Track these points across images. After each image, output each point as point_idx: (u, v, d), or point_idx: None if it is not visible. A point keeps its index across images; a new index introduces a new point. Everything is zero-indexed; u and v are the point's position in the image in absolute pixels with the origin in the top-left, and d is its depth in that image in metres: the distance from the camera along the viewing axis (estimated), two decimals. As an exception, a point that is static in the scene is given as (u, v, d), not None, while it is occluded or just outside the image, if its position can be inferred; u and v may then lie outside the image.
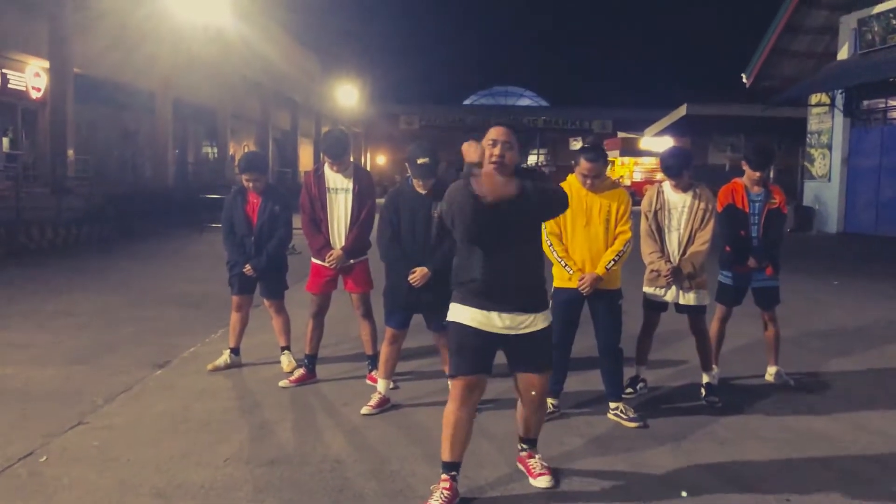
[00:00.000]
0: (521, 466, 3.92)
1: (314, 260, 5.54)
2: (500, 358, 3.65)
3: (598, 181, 4.75)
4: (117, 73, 20.89)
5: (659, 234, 5.19)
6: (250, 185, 5.72)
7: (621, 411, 4.74)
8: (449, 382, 3.85)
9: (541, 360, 3.65)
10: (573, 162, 4.88)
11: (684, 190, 5.13)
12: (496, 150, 3.40)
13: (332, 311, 5.86)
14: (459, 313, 3.58)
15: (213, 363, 5.89)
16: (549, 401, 4.71)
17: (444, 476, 3.54)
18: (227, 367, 5.88)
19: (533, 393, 3.67)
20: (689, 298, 5.14)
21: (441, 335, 4.88)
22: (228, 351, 5.97)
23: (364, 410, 4.84)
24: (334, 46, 43.25)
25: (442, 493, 3.48)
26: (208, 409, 4.90)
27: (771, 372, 5.74)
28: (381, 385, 5.00)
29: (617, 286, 4.83)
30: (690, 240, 5.10)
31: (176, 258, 13.36)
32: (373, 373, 5.47)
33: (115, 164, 24.37)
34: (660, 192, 5.22)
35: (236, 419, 4.73)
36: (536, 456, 3.89)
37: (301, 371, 5.59)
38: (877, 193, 18.35)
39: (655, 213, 5.19)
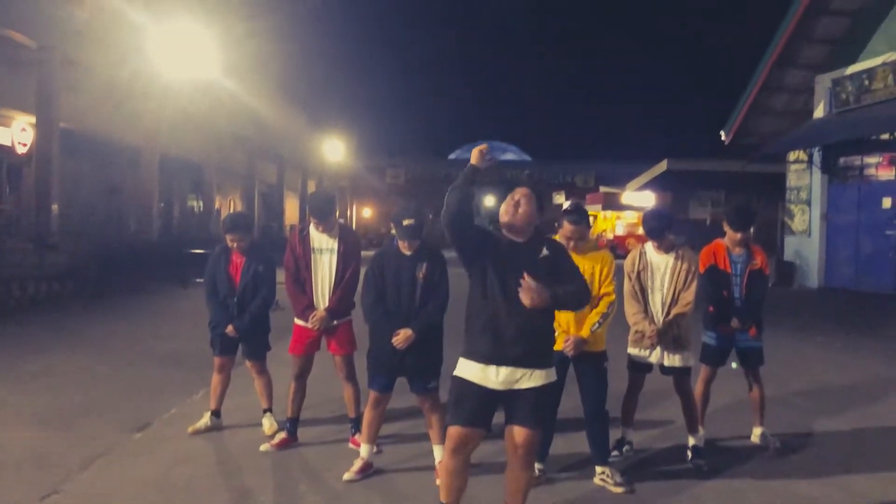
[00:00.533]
0: None
1: (297, 321, 5.51)
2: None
3: (582, 243, 4.79)
4: (103, 128, 20.96)
5: (642, 294, 5.21)
6: (234, 244, 5.71)
7: (608, 475, 4.69)
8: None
9: (532, 415, 3.60)
10: (556, 224, 4.92)
11: (666, 251, 5.17)
12: (515, 196, 3.72)
13: (315, 372, 5.80)
14: (461, 367, 3.66)
15: (193, 426, 5.80)
16: (536, 465, 4.66)
17: None
18: (208, 429, 5.78)
19: (520, 447, 3.61)
20: (673, 360, 5.14)
21: (425, 398, 4.84)
22: (209, 413, 5.88)
23: (346, 476, 4.76)
24: (321, 101, 43.72)
25: None
26: (188, 475, 4.80)
27: (757, 433, 5.71)
28: (364, 450, 4.92)
29: (602, 348, 4.82)
30: (674, 301, 5.12)
31: (158, 315, 13.24)
32: (356, 436, 5.39)
33: (100, 218, 24.29)
34: (642, 253, 5.25)
35: (216, 485, 4.64)
36: None
37: (283, 435, 5.50)
38: (856, 249, 18.55)
39: (638, 273, 5.22)
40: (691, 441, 5.23)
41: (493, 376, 3.57)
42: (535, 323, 3.60)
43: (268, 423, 5.78)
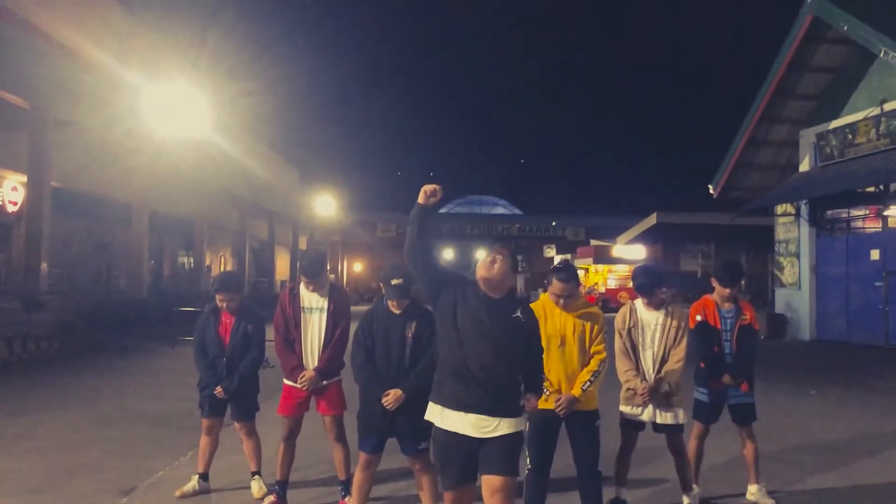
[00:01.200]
0: None
1: (286, 381, 5.46)
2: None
3: (572, 300, 4.79)
4: (95, 186, 21.09)
5: (633, 351, 5.20)
6: (224, 304, 5.69)
7: (602, 537, 4.61)
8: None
9: (502, 461, 3.65)
10: (546, 282, 4.93)
11: (657, 308, 5.18)
12: (493, 254, 3.82)
13: (306, 432, 5.73)
14: (437, 414, 3.77)
15: (181, 489, 5.68)
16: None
17: None
18: (196, 493, 5.68)
19: (495, 495, 3.60)
20: (666, 417, 5.11)
21: (416, 459, 4.77)
22: (197, 476, 5.78)
23: (337, 540, 4.67)
24: (313, 157, 44.17)
25: None
26: (173, 541, 4.70)
27: (752, 490, 5.65)
28: (356, 513, 4.84)
29: (594, 407, 4.79)
30: (665, 357, 5.11)
31: (146, 374, 13.09)
32: (346, 498, 5.30)
33: (90, 275, 24.25)
34: (633, 310, 5.26)
35: (202, 552, 4.53)
36: None
37: (272, 498, 5.40)
38: (846, 301, 18.64)
39: (629, 330, 5.22)
40: (686, 500, 5.17)
41: (468, 423, 3.66)
42: (501, 372, 3.69)
43: (256, 487, 5.68)
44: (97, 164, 19.49)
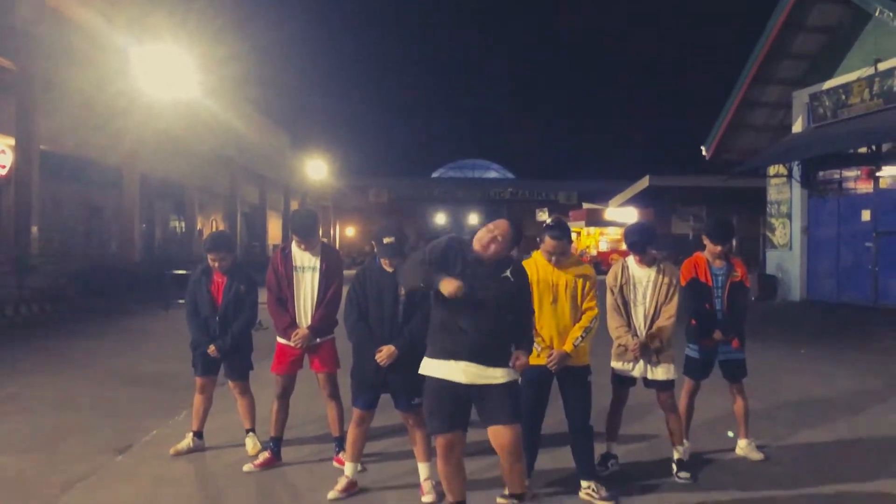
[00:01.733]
0: None
1: (280, 340, 5.47)
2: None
3: (564, 258, 4.80)
4: (84, 150, 20.88)
5: (625, 308, 5.22)
6: (216, 264, 5.68)
7: (593, 490, 4.67)
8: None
9: (507, 412, 3.88)
10: (538, 239, 4.93)
11: (648, 265, 5.19)
12: (494, 233, 3.94)
13: (299, 390, 5.77)
14: (428, 365, 3.98)
15: (175, 447, 5.72)
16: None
17: None
18: (191, 451, 5.72)
19: (505, 446, 3.86)
20: (657, 373, 5.15)
21: (409, 414, 4.81)
22: (191, 434, 5.81)
23: (331, 495, 4.72)
24: (304, 121, 43.85)
25: None
26: (170, 497, 4.75)
27: (741, 445, 5.73)
28: (349, 468, 4.89)
29: (586, 362, 4.83)
30: (656, 314, 5.14)
31: (140, 336, 13.13)
32: (340, 455, 5.35)
33: (81, 240, 24.13)
34: (624, 267, 5.27)
35: (198, 507, 4.58)
36: None
37: (266, 454, 5.45)
38: (837, 262, 18.72)
39: (621, 287, 5.23)
40: (676, 454, 5.23)
41: (457, 370, 3.87)
42: (491, 329, 3.89)
43: (251, 444, 5.73)
44: (86, 126, 19.27)
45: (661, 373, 5.14)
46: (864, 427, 6.64)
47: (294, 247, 5.43)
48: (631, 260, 5.27)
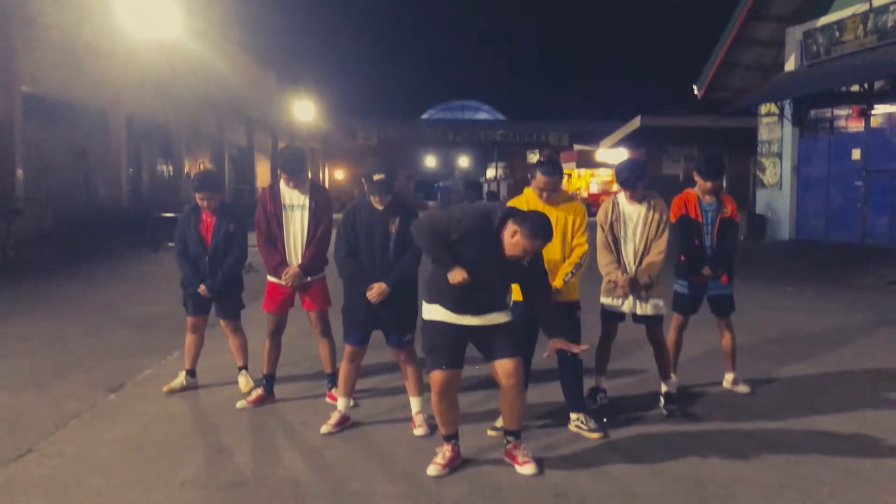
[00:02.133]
0: (507, 459, 4.22)
1: (270, 278, 5.47)
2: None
3: (555, 194, 4.78)
4: (67, 91, 20.45)
5: (615, 245, 5.22)
6: (204, 203, 5.63)
7: (582, 422, 4.75)
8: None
9: (509, 345, 4.08)
10: (529, 176, 4.90)
11: (639, 201, 5.18)
12: (527, 249, 3.95)
13: (291, 329, 5.80)
14: (433, 311, 4.12)
15: (168, 385, 5.77)
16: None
17: (445, 444, 4.19)
18: (183, 389, 5.76)
19: (510, 377, 4.02)
20: (646, 308, 5.19)
21: (400, 351, 4.85)
22: (184, 372, 5.85)
23: (324, 429, 4.78)
24: (290, 62, 43.10)
25: (444, 453, 4.15)
26: (164, 433, 4.79)
27: (728, 379, 5.81)
28: (341, 403, 4.94)
29: (575, 298, 4.85)
30: (646, 250, 5.15)
31: (130, 279, 13.11)
32: (332, 391, 5.41)
33: (67, 184, 23.85)
34: (615, 204, 5.26)
35: (193, 443, 4.63)
36: (521, 446, 4.20)
37: (259, 391, 5.50)
38: (826, 201, 18.78)
39: (611, 224, 5.23)
40: (664, 388, 5.31)
41: (461, 320, 4.06)
42: (497, 286, 4.11)
43: (244, 381, 5.77)
44: (68, 66, 18.89)
45: (650, 308, 5.18)
46: (849, 361, 6.74)
47: (283, 185, 5.39)
48: (622, 196, 5.26)
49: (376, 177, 4.70)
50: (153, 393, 5.71)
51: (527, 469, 4.07)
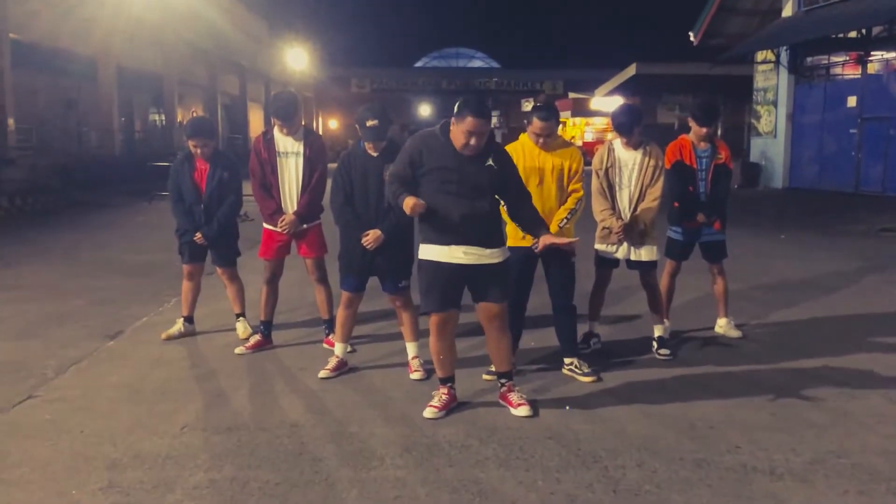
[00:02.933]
0: (502, 402, 4.28)
1: (266, 225, 5.48)
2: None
3: (551, 140, 4.77)
4: (56, 39, 20.15)
5: (610, 191, 5.23)
6: (198, 151, 5.60)
7: (576, 366, 4.82)
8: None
9: (498, 291, 4.12)
10: (525, 121, 4.89)
11: (635, 147, 5.18)
12: (472, 142, 3.94)
13: (288, 277, 5.84)
14: (426, 251, 4.10)
15: (166, 332, 5.82)
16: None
17: (441, 387, 4.26)
18: (182, 335, 5.81)
19: (493, 320, 4.14)
20: (640, 254, 5.22)
21: (396, 297, 4.90)
22: (182, 319, 5.89)
23: (322, 374, 4.85)
24: (282, 9, 42.35)
25: (441, 396, 4.22)
26: (163, 378, 4.86)
27: (721, 324, 5.88)
28: (339, 349, 5.00)
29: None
30: (641, 196, 5.16)
31: (124, 228, 13.10)
32: (330, 337, 5.47)
33: (59, 133, 23.64)
34: (611, 150, 5.26)
35: (192, 388, 4.69)
36: (515, 389, 4.29)
37: (257, 337, 5.55)
38: (820, 149, 18.76)
39: (606, 170, 5.23)
40: (657, 332, 5.38)
41: (458, 252, 4.03)
42: (481, 214, 4.04)
43: (241, 328, 5.82)
44: (56, 13, 18.57)
45: (644, 254, 5.22)
46: (839, 306, 6.82)
47: (276, 132, 5.36)
48: (617, 143, 5.25)
49: (369, 123, 4.68)
50: (151, 339, 5.76)
51: (521, 411, 4.14)
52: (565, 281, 4.85)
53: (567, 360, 4.87)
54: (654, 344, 5.35)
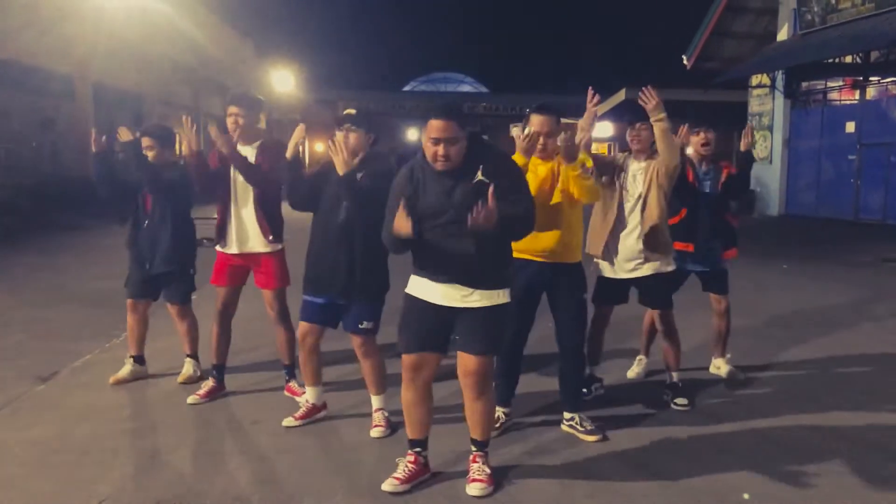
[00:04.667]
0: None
1: (218, 249, 4.81)
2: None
3: (551, 141, 4.10)
4: (32, 56, 19.49)
5: (619, 207, 4.61)
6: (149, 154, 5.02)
7: (577, 423, 4.11)
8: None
9: (477, 341, 3.34)
10: (522, 127, 4.30)
11: (645, 158, 4.64)
12: (440, 150, 3.24)
13: (248, 311, 5.14)
14: (411, 281, 3.47)
15: (115, 376, 5.05)
16: (499, 410, 4.10)
17: (409, 453, 3.52)
18: (135, 378, 5.07)
19: (467, 376, 3.38)
20: (649, 268, 4.55)
21: (358, 337, 4.15)
22: (131, 359, 5.16)
23: (286, 422, 4.19)
24: (269, 31, 42.05)
25: (406, 466, 3.47)
26: (92, 433, 4.12)
27: (718, 364, 5.28)
28: (311, 393, 4.29)
29: (578, 259, 4.16)
30: (645, 207, 4.57)
31: (90, 252, 12.34)
32: (291, 384, 4.76)
33: (32, 152, 22.91)
34: (625, 158, 4.73)
35: (123, 446, 3.95)
36: (479, 461, 3.50)
37: (210, 383, 4.81)
38: (817, 175, 18.29)
39: (619, 173, 4.68)
40: (670, 378, 4.72)
41: (436, 291, 3.35)
42: (471, 243, 3.24)
43: (189, 370, 5.09)
44: (31, 29, 17.93)
45: (652, 267, 4.54)
46: (847, 343, 6.18)
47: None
48: (629, 157, 4.72)
49: (347, 110, 4.15)
50: (88, 382, 5.03)
51: (472, 489, 3.37)
52: (576, 314, 4.14)
53: (567, 416, 4.16)
54: (668, 392, 4.68)
